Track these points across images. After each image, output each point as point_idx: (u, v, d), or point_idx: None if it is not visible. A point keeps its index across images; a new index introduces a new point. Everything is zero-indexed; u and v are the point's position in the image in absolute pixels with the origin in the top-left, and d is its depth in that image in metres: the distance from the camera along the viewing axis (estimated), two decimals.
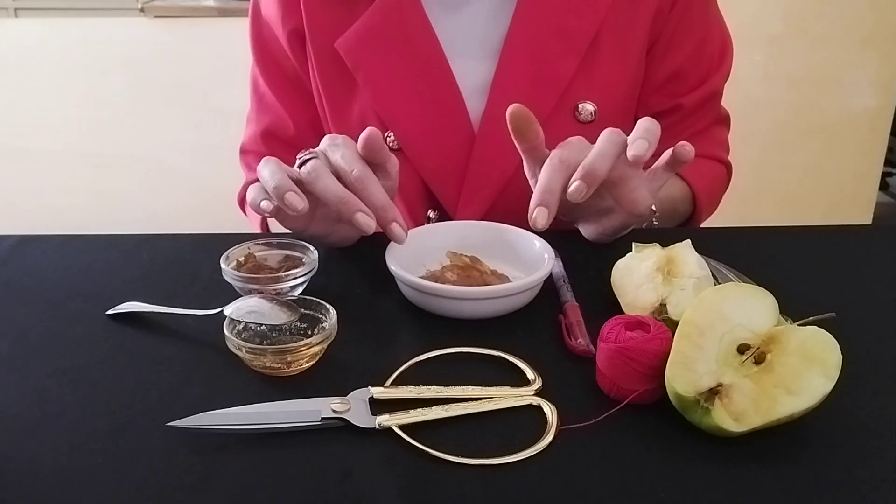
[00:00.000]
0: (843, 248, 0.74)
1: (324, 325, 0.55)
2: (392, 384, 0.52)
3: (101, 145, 2.52)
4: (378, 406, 0.49)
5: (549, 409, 0.49)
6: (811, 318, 0.51)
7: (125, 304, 0.62)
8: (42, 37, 2.44)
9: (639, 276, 0.59)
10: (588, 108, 0.81)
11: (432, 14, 0.82)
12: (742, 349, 0.48)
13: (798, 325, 0.49)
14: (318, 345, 0.53)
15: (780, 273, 0.65)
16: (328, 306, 0.55)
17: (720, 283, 0.59)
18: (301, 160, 0.63)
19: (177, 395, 0.51)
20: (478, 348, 0.56)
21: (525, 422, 0.49)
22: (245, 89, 0.93)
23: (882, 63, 2.27)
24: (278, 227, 0.72)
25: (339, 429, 0.48)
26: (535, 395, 0.51)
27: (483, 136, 0.82)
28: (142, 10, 2.37)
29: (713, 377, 0.46)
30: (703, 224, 0.91)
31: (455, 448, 0.46)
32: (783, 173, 2.38)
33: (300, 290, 0.62)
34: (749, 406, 0.45)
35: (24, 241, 0.74)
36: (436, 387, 0.51)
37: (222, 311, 0.55)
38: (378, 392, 0.50)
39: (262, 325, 0.55)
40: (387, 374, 0.53)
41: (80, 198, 2.57)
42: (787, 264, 0.71)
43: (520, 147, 0.66)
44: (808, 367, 0.46)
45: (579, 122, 0.82)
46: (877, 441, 0.47)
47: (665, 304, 0.56)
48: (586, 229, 0.72)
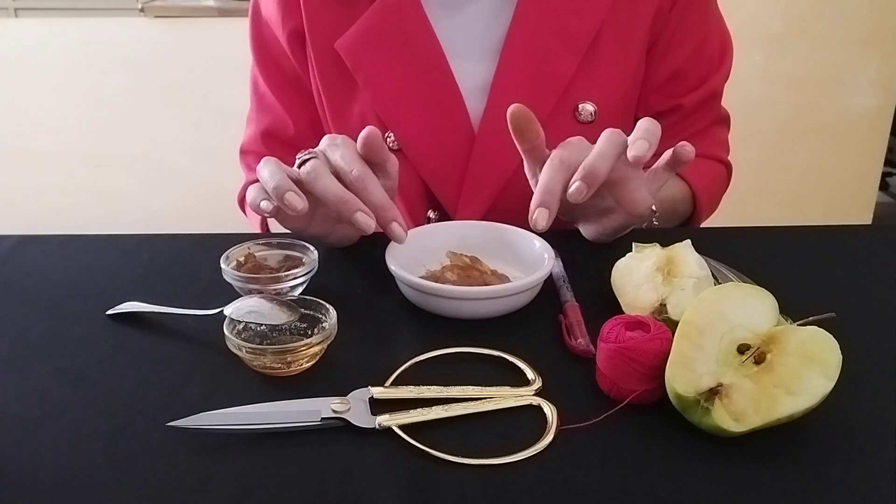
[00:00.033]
0: (843, 248, 0.74)
1: (324, 325, 0.55)
2: (392, 384, 0.52)
3: (101, 145, 2.52)
4: (378, 406, 0.49)
5: (549, 409, 0.49)
6: (811, 318, 0.51)
7: (125, 304, 0.62)
8: (42, 37, 2.44)
9: (639, 276, 0.59)
10: (588, 108, 0.81)
11: (432, 14, 0.82)
12: (742, 349, 0.48)
13: (798, 325, 0.49)
14: (318, 345, 0.53)
15: (780, 273, 0.65)
16: (328, 306, 0.55)
17: (720, 283, 0.59)
18: (300, 160, 0.63)
19: (177, 395, 0.51)
20: (478, 348, 0.56)
21: (525, 422, 0.49)
22: (245, 89, 0.93)
23: (882, 63, 2.27)
24: (278, 227, 0.72)
25: (339, 429, 0.48)
26: (535, 395, 0.51)
27: (483, 137, 0.82)
28: (142, 10, 2.37)
29: (713, 377, 0.46)
30: (703, 224, 0.91)
31: (455, 448, 0.46)
32: (783, 173, 2.38)
33: (300, 290, 0.62)
34: (749, 406, 0.45)
35: (24, 241, 0.74)
36: (436, 387, 0.51)
37: (222, 311, 0.55)
38: (378, 392, 0.50)
39: (262, 325, 0.55)
40: (387, 374, 0.53)
41: (80, 198, 2.57)
42: (787, 264, 0.71)
43: (520, 147, 0.66)
44: (808, 367, 0.46)
45: (579, 122, 0.82)
46: (877, 441, 0.47)
47: (665, 304, 0.56)
48: (586, 229, 0.72)
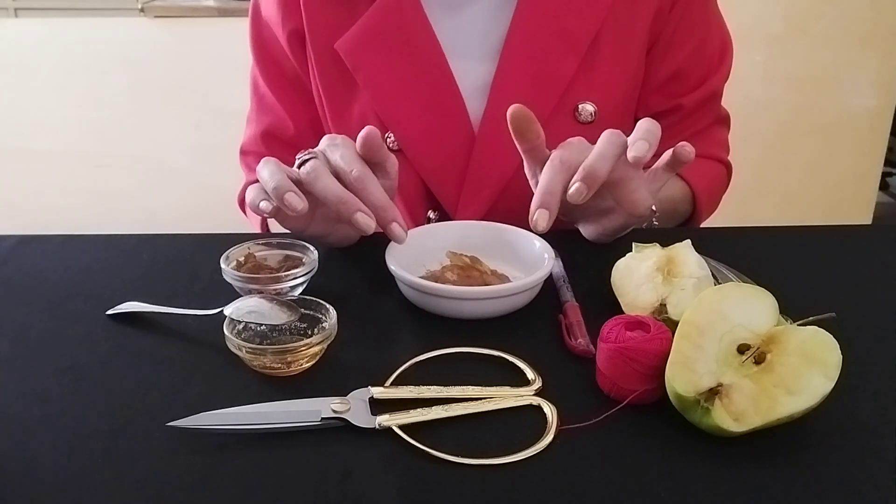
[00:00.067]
0: (843, 248, 0.74)
1: (324, 325, 0.55)
2: (392, 384, 0.52)
3: (101, 145, 2.52)
4: (378, 406, 0.49)
5: (549, 409, 0.49)
6: (811, 318, 0.51)
7: (125, 304, 0.62)
8: (42, 37, 2.44)
9: (639, 276, 0.59)
10: (588, 108, 0.81)
11: (432, 14, 0.82)
12: (742, 349, 0.48)
13: (798, 325, 0.49)
14: (318, 345, 0.53)
15: (780, 273, 0.65)
16: (328, 306, 0.55)
17: (720, 283, 0.59)
18: (300, 160, 0.63)
19: (177, 395, 0.51)
20: (478, 348, 0.56)
21: (525, 422, 0.49)
22: (245, 89, 0.93)
23: (882, 63, 2.27)
24: (278, 227, 0.72)
25: (339, 429, 0.48)
26: (535, 395, 0.51)
27: (483, 137, 0.82)
28: (142, 10, 2.37)
29: (713, 377, 0.46)
30: (703, 224, 0.91)
31: (455, 448, 0.46)
32: (783, 173, 2.38)
33: (300, 290, 0.62)
34: (749, 406, 0.45)
35: (24, 241, 0.74)
36: (436, 387, 0.51)
37: (222, 311, 0.55)
38: (378, 392, 0.50)
39: (262, 325, 0.55)
40: (387, 374, 0.53)
41: (80, 198, 2.57)
42: (787, 264, 0.71)
43: (520, 147, 0.66)
44: (808, 367, 0.46)
45: (579, 122, 0.82)
46: (877, 441, 0.47)
47: (665, 304, 0.56)
48: (586, 229, 0.72)
